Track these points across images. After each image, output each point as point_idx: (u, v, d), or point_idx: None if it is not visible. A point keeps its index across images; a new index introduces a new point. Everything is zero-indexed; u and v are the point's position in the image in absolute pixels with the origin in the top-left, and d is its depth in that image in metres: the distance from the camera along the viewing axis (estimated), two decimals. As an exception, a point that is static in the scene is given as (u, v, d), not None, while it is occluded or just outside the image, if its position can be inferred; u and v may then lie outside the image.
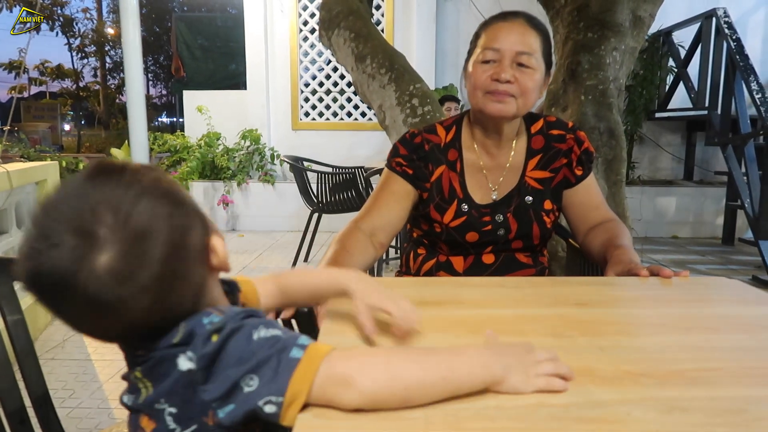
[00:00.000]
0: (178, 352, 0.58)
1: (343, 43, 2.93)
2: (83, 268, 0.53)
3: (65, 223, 0.53)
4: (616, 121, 2.44)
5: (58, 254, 0.53)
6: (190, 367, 0.57)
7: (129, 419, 0.64)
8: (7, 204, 2.71)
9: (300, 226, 4.34)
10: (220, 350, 0.57)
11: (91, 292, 0.53)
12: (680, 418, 0.57)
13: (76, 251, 0.53)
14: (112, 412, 2.07)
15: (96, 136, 18.34)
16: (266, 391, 0.56)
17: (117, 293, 0.54)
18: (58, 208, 0.55)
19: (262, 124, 5.93)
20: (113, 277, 0.53)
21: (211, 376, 0.57)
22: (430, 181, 1.33)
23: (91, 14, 20.59)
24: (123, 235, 0.54)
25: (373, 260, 1.29)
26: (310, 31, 5.90)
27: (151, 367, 0.60)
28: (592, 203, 1.36)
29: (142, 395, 0.61)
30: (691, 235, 5.40)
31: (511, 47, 1.21)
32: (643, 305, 0.98)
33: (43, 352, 2.58)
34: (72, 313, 0.57)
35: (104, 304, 0.54)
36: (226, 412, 0.57)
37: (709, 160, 5.98)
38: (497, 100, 1.23)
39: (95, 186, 0.56)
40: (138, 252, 0.55)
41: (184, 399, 0.58)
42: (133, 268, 0.54)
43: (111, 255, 0.53)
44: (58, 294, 0.54)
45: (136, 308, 0.55)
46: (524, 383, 0.62)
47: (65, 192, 0.56)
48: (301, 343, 0.59)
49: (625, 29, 2.52)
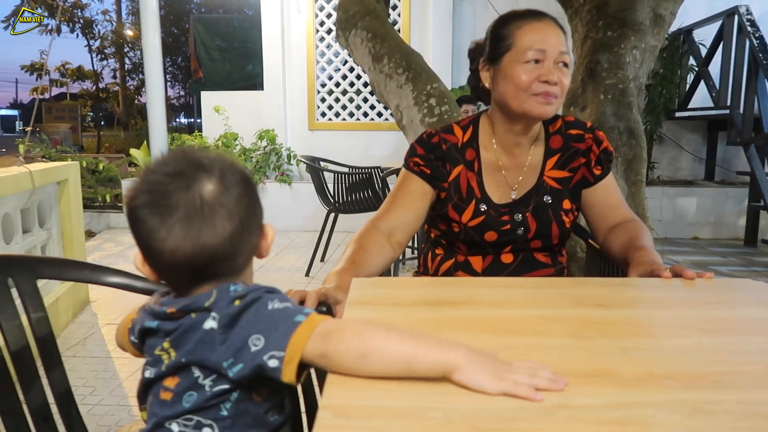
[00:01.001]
0: (204, 318, 0.68)
1: (360, 43, 2.93)
2: (196, 188, 0.69)
3: (183, 162, 0.70)
4: (635, 120, 2.41)
5: (179, 181, 0.69)
6: (213, 326, 0.67)
7: (150, 392, 0.74)
8: (30, 203, 2.76)
9: (316, 226, 4.35)
10: (239, 314, 0.67)
11: (196, 203, 0.68)
12: (705, 421, 0.56)
13: (193, 175, 0.69)
14: (131, 410, 2.09)
15: (115, 136, 18.58)
16: (271, 347, 0.65)
17: (214, 210, 0.68)
18: (173, 155, 0.72)
19: (279, 125, 5.96)
20: (216, 194, 0.69)
21: (227, 339, 0.67)
22: (448, 181, 1.32)
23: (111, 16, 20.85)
24: (227, 175, 0.71)
25: (391, 260, 1.29)
26: (326, 31, 5.92)
27: (179, 335, 0.70)
28: (612, 202, 1.35)
29: (164, 363, 0.71)
30: (713, 236, 5.32)
31: (555, 48, 1.20)
32: (665, 307, 0.97)
33: (64, 349, 2.62)
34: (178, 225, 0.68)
35: (202, 213, 0.68)
36: (235, 371, 0.66)
37: (731, 160, 5.89)
38: (546, 102, 1.21)
39: (196, 151, 0.73)
40: (234, 188, 0.71)
41: (202, 357, 0.68)
42: (227, 197, 0.70)
43: (215, 183, 0.70)
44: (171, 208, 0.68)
45: (220, 230, 0.68)
46: (489, 381, 0.60)
47: (171, 153, 0.73)
48: (306, 311, 0.68)
49: (646, 27, 2.49)
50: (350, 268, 1.14)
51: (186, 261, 0.69)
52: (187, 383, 0.70)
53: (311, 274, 3.99)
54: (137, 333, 0.77)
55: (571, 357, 0.71)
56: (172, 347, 0.71)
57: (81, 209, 3.28)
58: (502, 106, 1.29)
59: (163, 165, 0.71)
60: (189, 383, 0.70)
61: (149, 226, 0.68)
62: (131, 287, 1.09)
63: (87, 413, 2.03)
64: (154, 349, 0.73)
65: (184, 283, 0.73)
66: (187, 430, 0.70)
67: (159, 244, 0.68)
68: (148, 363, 0.74)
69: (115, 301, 3.27)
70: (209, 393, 0.69)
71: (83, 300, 3.25)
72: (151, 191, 0.69)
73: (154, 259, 0.71)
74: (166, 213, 0.68)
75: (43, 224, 2.97)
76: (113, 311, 3.15)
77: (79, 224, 3.23)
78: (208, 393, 0.69)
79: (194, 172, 0.69)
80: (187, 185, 0.68)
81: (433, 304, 0.92)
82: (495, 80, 1.28)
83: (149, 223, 0.68)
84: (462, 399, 0.60)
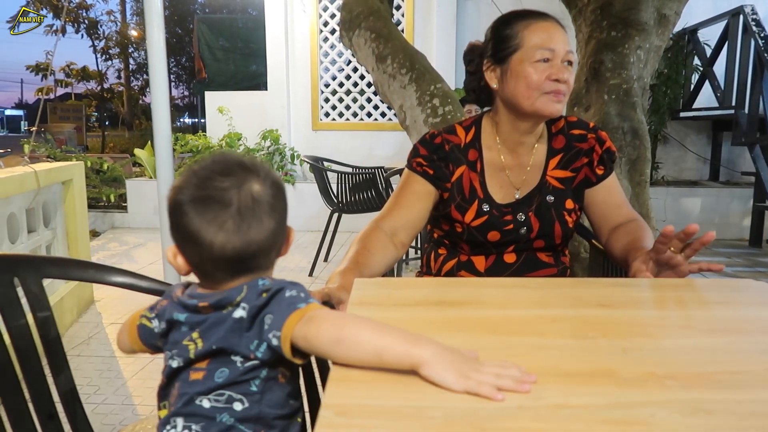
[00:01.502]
0: (234, 310, 0.74)
1: (364, 44, 2.94)
2: (246, 187, 0.76)
3: (232, 163, 0.77)
4: (640, 120, 2.40)
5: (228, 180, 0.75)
6: (242, 315, 0.73)
7: (177, 380, 0.77)
8: (35, 203, 2.77)
9: (320, 226, 4.36)
10: (265, 305, 0.73)
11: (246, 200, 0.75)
12: (705, 421, 0.57)
13: (243, 176, 0.76)
14: (135, 409, 2.10)
15: (120, 136, 18.64)
16: (273, 327, 0.71)
17: (262, 207, 0.76)
18: (219, 158, 0.78)
19: (283, 125, 5.97)
20: (262, 193, 0.76)
21: (253, 326, 0.73)
22: (451, 182, 1.33)
23: (115, 17, 20.93)
24: (269, 176, 0.78)
25: (394, 260, 1.30)
26: (330, 31, 5.93)
27: (209, 326, 0.75)
28: (615, 202, 1.35)
29: (191, 351, 0.75)
30: (717, 236, 5.29)
31: (562, 47, 1.23)
32: (667, 307, 0.97)
33: (69, 348, 2.64)
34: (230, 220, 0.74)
35: (252, 211, 0.75)
36: (261, 351, 0.73)
37: (736, 161, 5.87)
38: (557, 100, 1.23)
39: (237, 155, 0.81)
40: (274, 188, 0.78)
41: (231, 344, 0.73)
42: (270, 196, 0.77)
43: (261, 183, 0.77)
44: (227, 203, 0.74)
45: (266, 225, 0.76)
46: (454, 379, 0.61)
47: (216, 156, 0.79)
48: (310, 300, 0.74)
49: (650, 27, 2.49)
50: (353, 268, 1.15)
51: (234, 255, 0.74)
52: (219, 362, 0.75)
53: (315, 274, 4.00)
54: (165, 322, 0.80)
55: (572, 357, 0.72)
56: (200, 337, 0.75)
57: (85, 209, 3.30)
58: (511, 106, 1.29)
59: (212, 165, 0.77)
60: (220, 362, 0.75)
61: (201, 220, 0.73)
62: (136, 287, 1.10)
63: (91, 412, 2.04)
64: (179, 342, 0.77)
65: (222, 276, 0.77)
66: (218, 404, 0.74)
67: (209, 238, 0.73)
68: (173, 354, 0.77)
69: (120, 301, 3.28)
70: (241, 368, 0.74)
71: (88, 299, 3.27)
72: (204, 188, 0.75)
73: (198, 251, 0.75)
74: (219, 209, 0.73)
75: (48, 224, 2.98)
76: (118, 311, 3.17)
77: (83, 224, 3.24)
78: (240, 368, 0.74)
79: (243, 172, 0.76)
80: (239, 184, 0.75)
81: (435, 305, 0.92)
82: (503, 80, 1.28)
83: (202, 217, 0.73)
84: (463, 398, 0.60)
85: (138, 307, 0.84)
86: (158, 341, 0.82)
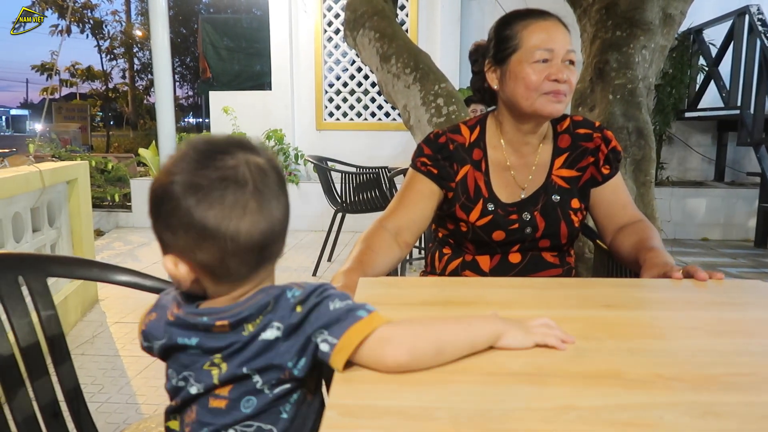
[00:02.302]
0: (262, 329, 0.66)
1: (368, 43, 2.93)
2: (253, 161, 0.67)
3: (222, 142, 0.68)
4: (644, 120, 2.39)
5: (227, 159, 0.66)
6: (277, 336, 0.66)
7: (194, 404, 0.70)
8: (40, 202, 2.78)
9: (324, 226, 4.36)
10: (304, 320, 0.66)
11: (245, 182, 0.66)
12: (714, 423, 0.56)
13: (245, 150, 0.67)
14: (139, 408, 2.11)
15: (124, 136, 18.69)
16: (326, 331, 0.65)
17: (276, 180, 0.68)
18: (209, 140, 0.68)
19: (287, 125, 5.97)
20: (270, 165, 0.69)
21: (290, 342, 0.66)
22: (455, 181, 1.33)
23: (120, 17, 20.99)
24: (263, 148, 0.70)
25: (399, 260, 1.29)
26: (334, 31, 5.93)
27: (235, 350, 0.66)
28: (620, 202, 1.34)
29: (215, 376, 0.67)
30: (722, 237, 5.28)
31: (562, 46, 1.21)
32: (673, 308, 0.96)
33: (73, 347, 2.64)
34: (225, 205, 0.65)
35: (268, 185, 0.67)
36: (300, 368, 0.66)
37: (741, 161, 5.84)
38: (557, 101, 1.22)
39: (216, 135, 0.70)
40: (274, 160, 0.70)
41: (264, 362, 0.66)
42: (277, 168, 0.69)
43: (263, 155, 0.69)
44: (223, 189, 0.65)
45: (283, 200, 0.69)
46: (524, 338, 0.72)
47: (193, 140, 0.69)
48: (368, 308, 0.68)
49: (655, 27, 2.48)
50: (357, 267, 1.14)
51: (261, 240, 0.66)
52: (244, 389, 0.67)
53: (318, 274, 4.00)
54: (160, 348, 0.71)
55: (578, 358, 0.71)
56: (224, 361, 0.67)
57: (90, 208, 3.30)
58: (511, 106, 1.29)
59: (203, 146, 0.66)
60: (246, 389, 0.67)
61: (220, 208, 0.63)
62: (140, 285, 1.10)
63: (95, 411, 2.04)
64: (195, 366, 0.68)
65: (247, 271, 0.68)
66: None
67: (234, 226, 0.64)
68: (189, 378, 0.69)
69: (124, 300, 3.29)
70: (271, 396, 0.67)
71: (92, 298, 3.28)
72: (210, 170, 0.64)
73: (220, 248, 0.64)
74: (237, 190, 0.64)
75: (53, 223, 2.99)
76: (122, 310, 3.17)
77: (88, 223, 3.25)
78: (270, 396, 0.67)
79: (240, 149, 0.67)
80: (245, 160, 0.65)
81: (440, 304, 0.92)
82: (503, 81, 1.28)
83: (221, 204, 0.63)
84: (469, 399, 0.60)
85: (142, 306, 0.81)
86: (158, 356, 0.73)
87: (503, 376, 0.66)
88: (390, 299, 0.95)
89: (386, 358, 0.65)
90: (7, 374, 0.97)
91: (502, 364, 0.69)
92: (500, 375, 0.66)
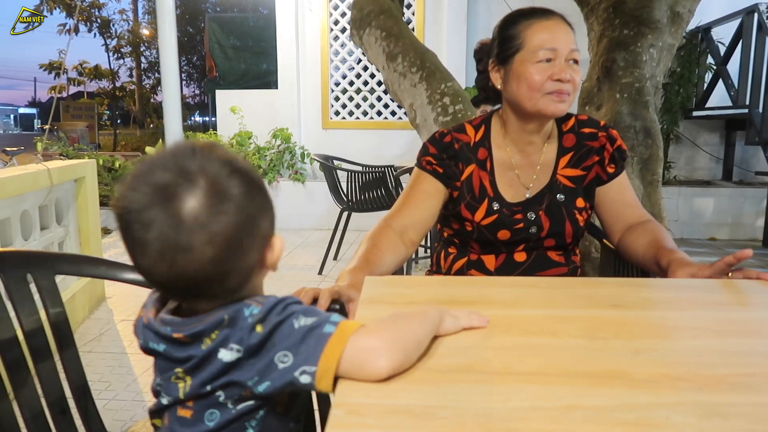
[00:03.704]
0: (218, 347, 0.64)
1: (375, 42, 2.93)
2: (175, 205, 0.60)
3: (171, 167, 0.61)
4: (652, 119, 2.38)
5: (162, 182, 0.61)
6: (237, 357, 0.63)
7: (166, 411, 0.70)
8: (48, 200, 2.80)
9: (330, 225, 4.37)
10: (265, 340, 0.63)
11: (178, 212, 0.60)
12: (721, 424, 0.56)
13: (174, 189, 0.61)
14: (146, 405, 2.12)
15: (131, 134, 18.77)
16: (301, 363, 0.62)
17: (193, 232, 0.60)
18: (164, 156, 0.63)
19: (293, 123, 5.98)
20: (196, 213, 0.60)
21: (251, 362, 0.63)
22: (461, 180, 1.33)
23: (127, 16, 21.06)
24: (217, 188, 0.62)
25: (404, 258, 1.29)
26: (340, 30, 5.93)
27: (194, 365, 0.65)
28: (626, 201, 1.34)
29: (181, 390, 0.67)
30: (730, 237, 5.25)
31: (565, 46, 1.21)
32: (679, 308, 0.96)
33: (81, 345, 2.66)
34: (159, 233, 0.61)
35: (177, 237, 0.60)
36: (262, 389, 0.63)
37: (749, 160, 5.80)
38: (560, 100, 1.22)
39: (201, 152, 0.63)
40: (223, 205, 0.62)
41: (225, 381, 0.64)
42: (211, 216, 0.61)
43: (199, 199, 0.60)
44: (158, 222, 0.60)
45: (198, 255, 0.61)
46: (454, 322, 0.77)
47: (165, 152, 0.64)
48: (333, 320, 0.65)
49: (663, 26, 2.46)
50: (363, 266, 1.14)
51: (165, 282, 0.64)
52: (207, 402, 0.66)
53: (324, 273, 4.01)
54: (141, 346, 0.72)
55: (584, 357, 0.71)
56: (187, 375, 0.66)
57: (97, 206, 3.32)
58: (514, 106, 1.29)
59: (150, 162, 0.63)
60: (209, 402, 0.66)
61: (127, 237, 0.62)
62: (147, 284, 1.10)
63: (102, 408, 2.05)
64: (164, 372, 0.69)
65: (177, 299, 0.69)
66: None
67: (137, 260, 0.63)
68: (162, 387, 0.70)
69: (131, 298, 3.31)
70: (234, 412, 0.66)
71: (99, 296, 3.29)
72: (126, 197, 0.61)
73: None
74: (141, 230, 0.60)
75: (61, 221, 3.01)
76: (129, 307, 3.19)
77: (95, 221, 3.27)
78: (233, 412, 0.66)
79: (177, 183, 0.60)
80: (165, 200, 0.60)
81: (446, 303, 0.91)
82: (506, 81, 1.28)
83: (127, 234, 0.62)
84: (474, 398, 0.60)
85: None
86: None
87: (508, 376, 0.66)
88: (395, 298, 0.95)
89: (369, 369, 0.62)
90: (15, 370, 0.98)
91: (508, 364, 0.69)
92: (505, 374, 0.66)
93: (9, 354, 0.98)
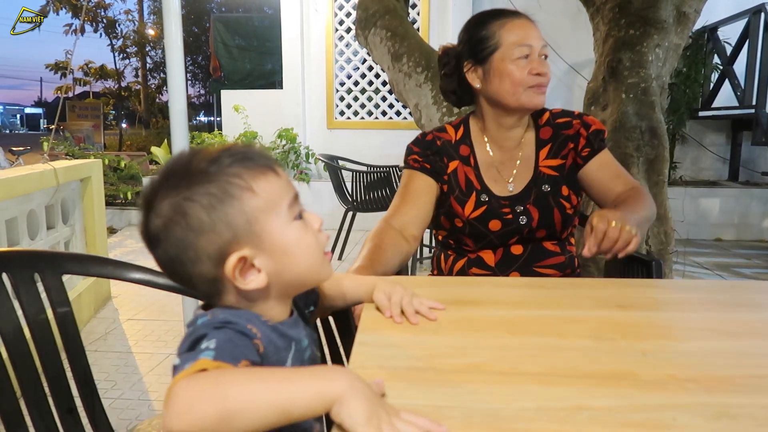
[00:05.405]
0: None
1: (380, 42, 2.93)
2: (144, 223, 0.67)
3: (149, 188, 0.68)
4: (658, 119, 2.38)
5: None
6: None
7: None
8: (54, 200, 2.81)
9: (334, 225, 4.37)
10: (181, 347, 0.62)
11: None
12: (729, 425, 0.56)
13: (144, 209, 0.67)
14: (152, 404, 2.12)
15: (137, 134, 18.81)
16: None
17: (157, 242, 0.67)
18: (159, 174, 0.69)
19: (298, 123, 5.99)
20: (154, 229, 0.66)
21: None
22: (447, 174, 1.37)
23: (133, 16, 21.10)
24: (170, 213, 0.65)
25: (408, 254, 1.31)
26: (345, 30, 5.93)
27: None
28: (610, 174, 1.36)
29: None
30: (736, 237, 5.22)
31: (538, 43, 1.28)
32: (686, 309, 0.96)
33: (87, 344, 2.66)
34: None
35: (151, 245, 0.68)
36: None
37: (756, 161, 5.77)
38: (540, 92, 1.29)
39: (173, 179, 0.67)
40: (167, 226, 0.65)
41: None
42: (162, 231, 0.66)
43: (154, 219, 0.66)
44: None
45: (161, 262, 0.68)
46: (364, 416, 0.52)
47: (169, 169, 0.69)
48: (197, 357, 0.57)
49: (669, 26, 2.45)
50: (367, 265, 1.16)
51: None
52: None
53: (329, 273, 4.00)
54: None
55: (591, 358, 0.71)
56: None
57: (103, 206, 3.33)
58: (495, 103, 1.34)
59: (151, 184, 0.69)
60: None
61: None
62: (153, 283, 1.11)
63: (108, 407, 2.06)
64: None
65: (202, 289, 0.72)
66: None
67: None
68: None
69: (137, 297, 3.32)
70: None
71: (105, 296, 3.31)
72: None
73: None
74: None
75: (67, 220, 3.02)
76: (134, 307, 3.20)
77: (101, 221, 3.28)
78: None
79: (145, 204, 0.68)
80: (144, 216, 0.67)
81: (451, 304, 0.91)
82: (486, 79, 1.32)
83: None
84: (481, 399, 0.60)
85: (154, 303, 0.83)
86: None
87: (515, 376, 0.66)
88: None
89: (165, 420, 0.53)
90: (23, 369, 0.99)
91: (515, 364, 0.69)
92: (512, 375, 0.66)
93: (17, 352, 0.98)
